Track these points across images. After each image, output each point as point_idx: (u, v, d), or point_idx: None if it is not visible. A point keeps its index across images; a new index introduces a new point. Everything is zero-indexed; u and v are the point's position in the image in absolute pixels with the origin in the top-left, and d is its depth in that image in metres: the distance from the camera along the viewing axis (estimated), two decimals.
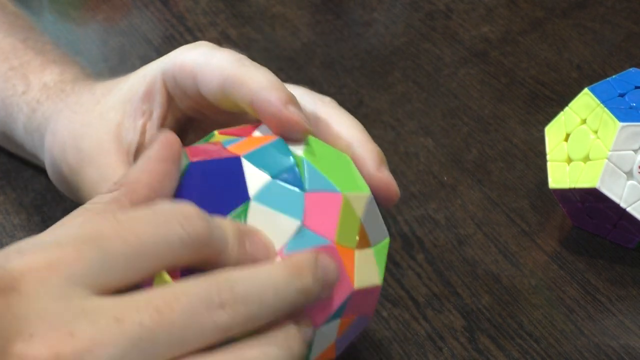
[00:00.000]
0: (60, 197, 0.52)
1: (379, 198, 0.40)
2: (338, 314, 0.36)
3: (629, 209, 0.47)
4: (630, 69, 0.51)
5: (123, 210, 0.32)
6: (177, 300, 0.29)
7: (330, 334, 0.37)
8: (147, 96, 0.43)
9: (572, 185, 0.48)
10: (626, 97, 0.48)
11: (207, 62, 0.40)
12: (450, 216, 0.52)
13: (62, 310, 0.28)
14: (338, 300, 0.36)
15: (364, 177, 0.39)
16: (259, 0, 0.71)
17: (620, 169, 0.47)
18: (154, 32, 0.67)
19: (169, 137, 0.36)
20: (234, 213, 0.35)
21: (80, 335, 0.27)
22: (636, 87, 0.49)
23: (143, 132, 0.43)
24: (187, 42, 0.65)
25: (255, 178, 0.36)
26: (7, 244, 0.49)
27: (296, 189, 0.36)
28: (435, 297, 0.47)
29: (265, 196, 0.36)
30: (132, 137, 0.43)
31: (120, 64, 0.63)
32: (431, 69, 0.64)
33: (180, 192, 0.36)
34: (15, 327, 0.28)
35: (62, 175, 0.45)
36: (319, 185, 0.37)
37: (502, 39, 0.67)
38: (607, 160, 0.47)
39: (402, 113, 0.60)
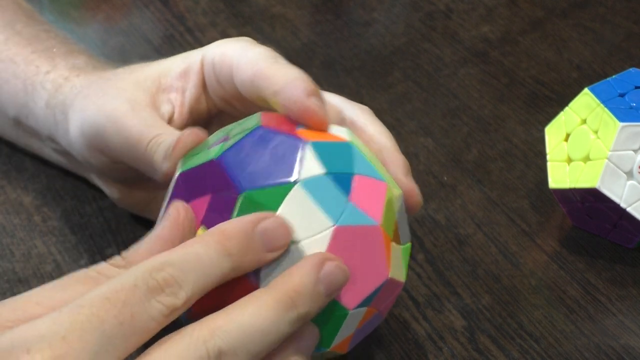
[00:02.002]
0: (60, 197, 0.52)
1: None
2: (368, 300, 0.36)
3: (629, 209, 0.47)
4: (630, 69, 0.51)
5: (107, 287, 0.32)
6: None
7: (353, 322, 0.37)
8: (184, 75, 0.45)
9: (572, 185, 0.48)
10: (626, 97, 0.48)
11: (243, 54, 0.42)
12: (450, 216, 0.52)
13: None
14: (374, 284, 0.36)
15: None
16: (259, 0, 0.71)
17: (620, 169, 0.47)
18: (154, 32, 0.67)
19: (181, 214, 0.36)
20: (275, 188, 0.35)
21: None
22: (636, 87, 0.49)
23: (175, 107, 0.45)
24: (187, 42, 0.66)
25: (310, 166, 0.36)
26: (7, 244, 0.49)
27: (343, 193, 0.36)
28: (435, 297, 0.47)
29: (313, 185, 0.36)
30: (166, 108, 0.44)
31: (120, 64, 0.63)
32: (431, 69, 0.64)
33: (236, 147, 0.37)
34: None
35: (98, 132, 0.44)
36: (366, 171, 0.37)
37: (502, 39, 0.67)
38: (607, 160, 0.47)
39: (402, 113, 0.60)
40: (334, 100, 0.43)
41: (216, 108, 0.46)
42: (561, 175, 0.49)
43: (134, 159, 0.42)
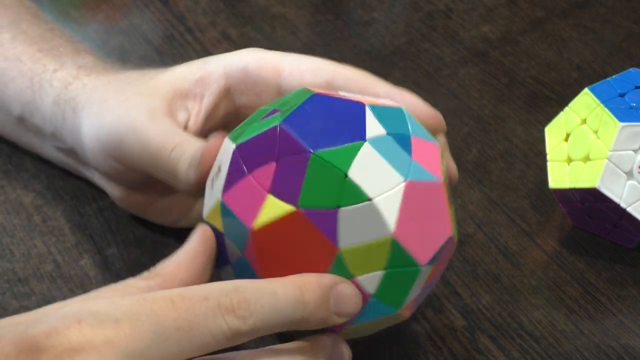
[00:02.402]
0: (60, 197, 0.52)
1: None
2: (435, 257, 0.37)
3: (629, 209, 0.47)
4: (630, 69, 0.51)
5: (177, 291, 0.32)
6: None
7: (420, 282, 0.37)
8: (201, 82, 0.45)
9: (572, 185, 0.48)
10: (626, 97, 0.48)
11: (300, 61, 0.44)
12: None
13: None
14: (440, 240, 0.37)
15: None
16: (258, 0, 0.71)
17: (620, 169, 0.47)
18: (154, 32, 0.67)
19: (207, 232, 0.37)
20: (344, 147, 0.36)
21: None
22: (636, 87, 0.49)
23: (191, 114, 0.45)
24: (187, 42, 0.66)
25: (373, 127, 0.37)
26: (7, 244, 0.49)
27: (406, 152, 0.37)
28: (435, 297, 0.47)
29: (379, 144, 0.36)
30: (182, 116, 0.45)
31: (120, 64, 0.63)
32: (431, 69, 0.64)
33: (297, 113, 0.37)
34: None
35: (116, 138, 0.44)
36: (420, 134, 0.38)
37: (502, 39, 0.67)
38: (607, 160, 0.47)
39: None
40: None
41: (235, 115, 0.46)
42: (561, 175, 0.49)
43: (155, 168, 0.42)
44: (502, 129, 0.59)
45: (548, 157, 0.51)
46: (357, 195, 0.35)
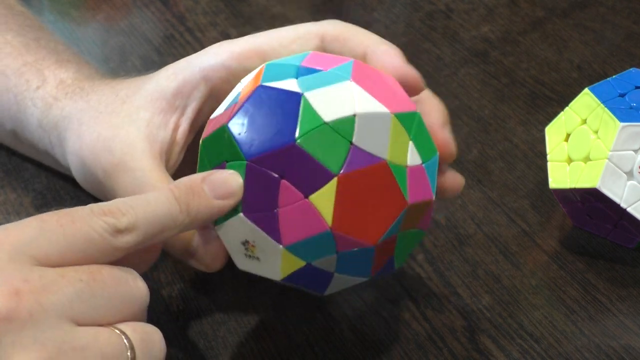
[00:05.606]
0: (60, 197, 0.52)
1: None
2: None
3: (629, 209, 0.47)
4: (631, 69, 0.51)
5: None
6: (103, 267, 0.35)
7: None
8: (179, 92, 0.44)
9: (573, 186, 0.48)
10: (626, 97, 0.48)
11: (281, 36, 0.44)
12: (450, 216, 0.52)
13: (13, 268, 0.32)
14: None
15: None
16: (259, 0, 0.71)
17: (620, 169, 0.47)
18: (154, 32, 0.67)
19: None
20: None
21: (33, 281, 0.32)
22: (636, 87, 0.49)
23: (175, 129, 0.44)
24: (187, 42, 0.66)
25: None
26: None
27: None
28: (435, 297, 0.47)
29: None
30: (164, 135, 0.44)
31: (120, 64, 0.63)
32: (431, 69, 0.64)
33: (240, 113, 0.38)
34: None
35: (96, 179, 0.45)
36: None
37: (502, 39, 0.67)
38: (607, 161, 0.47)
39: None
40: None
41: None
42: (561, 175, 0.49)
43: None
44: (502, 129, 0.59)
45: (548, 157, 0.51)
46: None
